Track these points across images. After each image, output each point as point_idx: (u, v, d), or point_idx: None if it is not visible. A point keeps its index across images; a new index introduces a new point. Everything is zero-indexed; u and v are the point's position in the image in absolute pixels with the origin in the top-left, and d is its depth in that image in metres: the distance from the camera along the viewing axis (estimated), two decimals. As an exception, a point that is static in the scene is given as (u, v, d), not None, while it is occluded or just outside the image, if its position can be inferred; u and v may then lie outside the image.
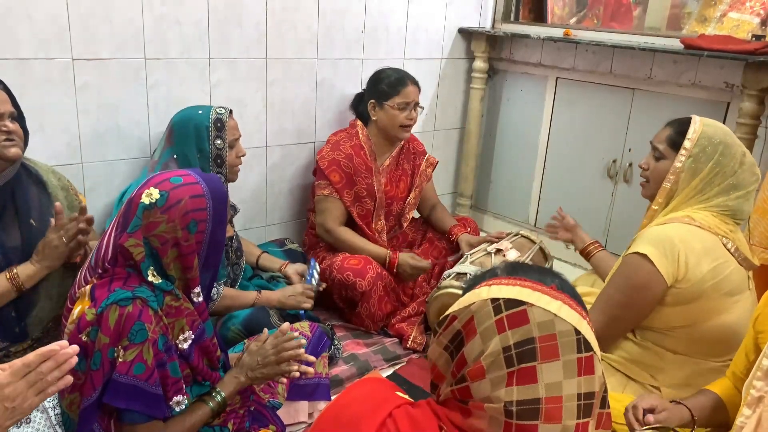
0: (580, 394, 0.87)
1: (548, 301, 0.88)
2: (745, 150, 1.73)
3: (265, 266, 2.48)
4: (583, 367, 0.87)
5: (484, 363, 0.88)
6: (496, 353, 0.87)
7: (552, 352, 0.86)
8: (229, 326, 2.10)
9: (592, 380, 0.88)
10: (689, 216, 1.70)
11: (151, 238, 1.38)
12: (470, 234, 2.81)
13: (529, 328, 0.86)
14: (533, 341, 0.86)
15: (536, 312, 0.87)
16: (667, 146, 1.77)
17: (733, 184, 1.71)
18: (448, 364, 0.93)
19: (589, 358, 0.88)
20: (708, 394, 1.52)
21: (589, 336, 0.89)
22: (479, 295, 0.91)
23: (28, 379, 1.02)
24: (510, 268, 0.96)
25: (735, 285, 1.69)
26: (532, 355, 0.86)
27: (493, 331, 0.88)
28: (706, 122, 1.74)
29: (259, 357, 1.58)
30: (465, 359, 0.90)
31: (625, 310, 1.72)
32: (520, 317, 0.87)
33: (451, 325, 0.93)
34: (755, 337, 1.43)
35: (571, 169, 3.18)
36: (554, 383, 0.85)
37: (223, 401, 1.53)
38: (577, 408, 0.86)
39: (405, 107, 2.60)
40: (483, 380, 0.88)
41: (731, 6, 2.86)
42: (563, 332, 0.87)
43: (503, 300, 0.88)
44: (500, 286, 0.91)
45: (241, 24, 2.51)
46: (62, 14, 2.11)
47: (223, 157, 2.16)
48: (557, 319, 0.87)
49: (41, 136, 2.15)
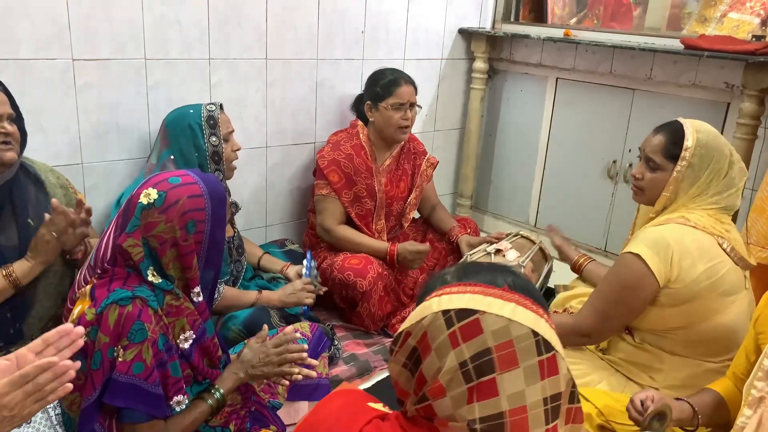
0: (546, 398, 0.83)
1: (501, 305, 0.84)
2: (731, 147, 1.75)
3: (266, 267, 2.49)
4: (546, 369, 0.83)
5: (443, 381, 0.84)
6: (453, 370, 0.83)
7: (510, 360, 0.82)
8: (229, 326, 2.10)
9: (556, 381, 0.84)
10: (684, 216, 1.71)
11: (149, 238, 1.38)
12: (470, 234, 2.81)
13: (483, 338, 0.82)
14: (489, 352, 0.82)
15: (489, 320, 0.83)
16: (663, 157, 1.75)
17: (726, 185, 1.73)
18: (410, 381, 0.89)
19: (552, 359, 0.84)
20: (710, 392, 1.53)
21: (549, 335, 0.85)
22: (430, 308, 0.86)
23: (26, 389, 1.01)
24: (461, 272, 0.91)
25: (731, 285, 1.69)
26: (490, 366, 0.82)
27: (447, 347, 0.83)
28: (697, 128, 1.73)
29: (261, 355, 1.58)
30: (424, 377, 0.86)
31: (615, 308, 1.73)
32: (473, 328, 0.83)
33: (406, 342, 0.88)
34: (756, 338, 1.44)
35: (571, 170, 3.18)
36: (517, 393, 0.82)
37: (222, 398, 1.53)
38: (544, 414, 0.83)
39: (400, 108, 2.59)
40: (444, 398, 0.84)
41: (731, 6, 2.86)
42: (520, 337, 0.82)
43: (454, 311, 0.84)
44: (450, 295, 0.86)
45: (241, 24, 2.51)
46: (62, 14, 2.11)
47: (219, 153, 2.16)
48: (512, 324, 0.83)
49: (41, 136, 2.15)
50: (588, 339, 1.83)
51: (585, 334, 1.80)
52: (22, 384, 1.01)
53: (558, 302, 2.22)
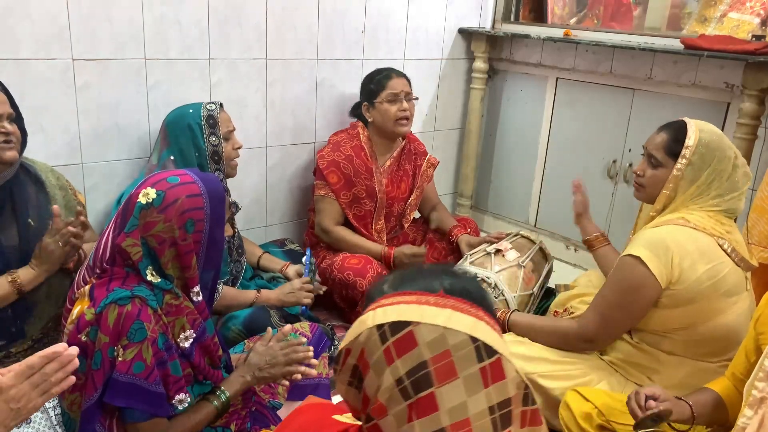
0: (492, 407, 0.78)
1: (435, 313, 0.79)
2: (736, 151, 1.74)
3: (266, 267, 2.49)
4: (490, 376, 0.78)
5: (382, 400, 0.79)
6: (390, 388, 0.78)
7: (449, 372, 0.77)
8: (229, 326, 2.10)
9: (503, 386, 0.79)
10: (683, 218, 1.71)
11: (148, 237, 1.38)
12: (470, 234, 2.81)
13: (418, 351, 0.77)
14: (426, 365, 0.77)
15: (423, 330, 0.78)
16: (665, 154, 1.76)
17: (730, 188, 1.72)
18: (358, 398, 0.85)
19: (496, 363, 0.79)
20: (708, 392, 1.53)
21: (490, 338, 0.80)
22: (365, 323, 0.82)
23: (32, 380, 1.02)
24: (397, 281, 0.87)
25: (732, 286, 1.69)
26: (428, 381, 0.77)
27: (383, 364, 0.79)
28: (701, 127, 1.73)
29: (268, 357, 1.58)
30: (367, 396, 0.82)
31: (618, 312, 1.73)
32: (407, 341, 0.78)
33: (346, 360, 0.84)
34: (756, 338, 1.43)
35: (571, 170, 3.18)
36: (458, 406, 0.77)
37: (227, 401, 1.53)
38: (492, 423, 0.78)
39: (394, 99, 2.60)
40: (387, 417, 0.79)
41: (731, 6, 2.86)
42: (457, 345, 0.78)
43: (388, 325, 0.79)
44: (384, 308, 0.82)
45: (241, 24, 2.51)
46: (62, 14, 2.11)
47: (219, 153, 2.16)
48: (448, 332, 0.78)
49: (41, 136, 2.15)
50: (592, 344, 1.82)
51: (589, 340, 1.80)
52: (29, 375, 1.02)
53: (559, 302, 2.22)
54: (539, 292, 2.41)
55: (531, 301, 2.36)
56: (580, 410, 1.65)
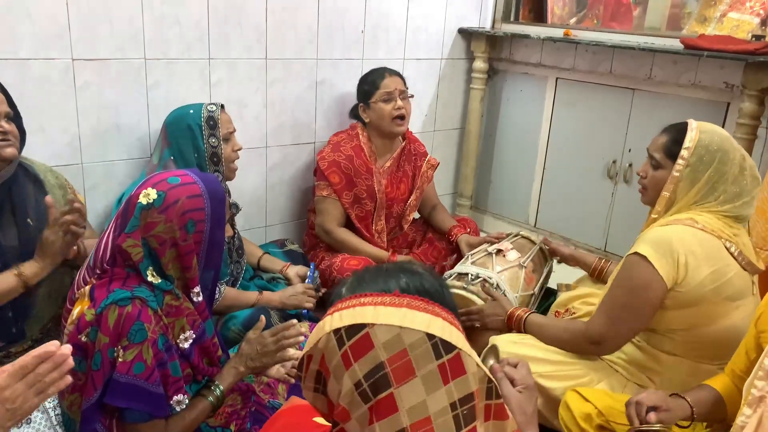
0: (453, 403, 0.78)
1: (390, 313, 0.79)
2: (744, 153, 1.70)
3: (266, 267, 2.48)
4: (450, 372, 0.78)
5: (344, 404, 0.80)
6: (350, 392, 0.79)
7: (406, 371, 0.77)
8: (229, 326, 2.10)
9: (464, 381, 0.79)
10: (692, 218, 1.68)
11: (149, 238, 1.38)
12: (470, 234, 2.81)
13: (375, 353, 0.77)
14: (383, 366, 0.77)
15: (379, 332, 0.78)
16: (664, 155, 1.75)
17: (737, 193, 1.68)
18: (325, 404, 0.86)
19: (455, 359, 0.78)
20: (707, 389, 1.52)
21: (448, 334, 0.79)
22: (323, 329, 0.82)
23: (27, 381, 1.01)
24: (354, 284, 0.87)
25: (737, 290, 1.67)
26: (386, 382, 0.77)
27: (341, 368, 0.79)
28: (703, 129, 1.71)
29: (259, 346, 1.58)
30: (331, 401, 0.83)
31: (626, 312, 1.70)
32: (363, 344, 0.78)
33: (309, 366, 0.84)
34: (757, 336, 1.43)
35: (571, 170, 3.18)
36: (417, 405, 0.77)
37: (221, 394, 1.53)
38: (454, 420, 0.78)
39: (389, 98, 2.60)
40: (351, 422, 0.80)
41: (731, 6, 2.86)
42: (413, 344, 0.78)
43: (344, 329, 0.79)
44: (341, 311, 0.82)
45: (241, 24, 2.51)
46: (62, 14, 2.11)
47: (218, 154, 2.16)
48: (404, 331, 0.78)
49: (41, 136, 2.15)
50: (599, 347, 1.77)
51: (596, 342, 1.76)
52: (23, 375, 1.01)
53: (560, 302, 2.21)
54: (539, 293, 2.41)
55: (532, 301, 2.36)
56: (580, 410, 1.65)
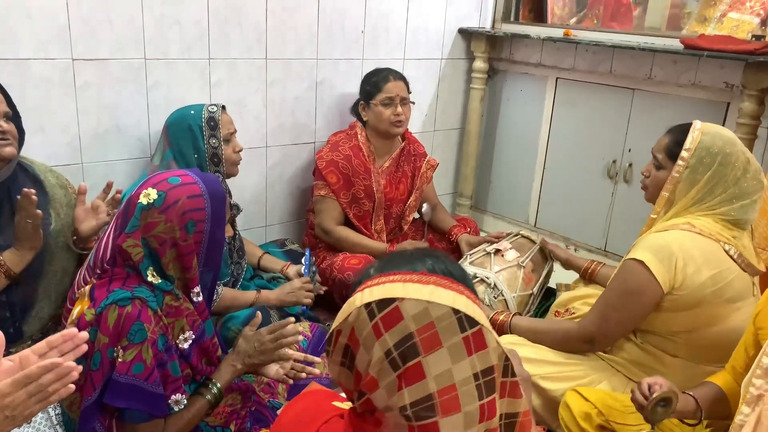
0: (476, 374, 0.83)
1: (418, 289, 0.85)
2: (749, 157, 1.69)
3: (266, 267, 2.48)
4: (473, 345, 0.83)
5: (373, 373, 0.84)
6: (380, 360, 0.84)
7: (434, 342, 0.83)
8: (229, 326, 2.10)
9: (486, 355, 0.84)
10: (689, 223, 1.69)
11: (149, 238, 1.38)
12: (470, 234, 2.81)
13: (404, 324, 0.83)
14: (412, 336, 0.83)
15: (408, 305, 0.84)
16: (666, 156, 1.75)
17: (737, 194, 1.68)
18: (349, 379, 0.90)
19: (477, 333, 0.84)
20: (710, 386, 1.53)
21: (471, 310, 0.85)
22: (354, 304, 0.87)
23: (29, 390, 1.01)
24: (382, 265, 0.92)
25: (737, 292, 1.67)
26: (414, 351, 0.82)
27: (372, 339, 0.84)
28: (706, 130, 1.70)
29: (256, 343, 1.58)
30: (359, 372, 0.87)
31: (618, 313, 1.72)
32: (393, 316, 0.84)
33: (338, 340, 0.89)
34: (755, 333, 1.43)
35: (571, 170, 3.18)
36: (443, 373, 0.82)
37: (219, 392, 1.53)
38: (476, 389, 0.83)
39: (389, 103, 2.60)
40: (378, 390, 0.84)
41: (731, 6, 2.86)
42: (440, 317, 0.83)
43: (375, 303, 0.85)
44: (371, 288, 0.87)
45: (241, 24, 2.51)
46: (62, 14, 2.11)
47: (219, 155, 2.16)
48: (431, 306, 0.83)
49: (41, 136, 2.16)
50: (591, 345, 1.82)
51: (588, 340, 1.80)
52: (26, 384, 1.00)
53: (560, 302, 2.22)
54: (539, 293, 2.41)
55: (531, 301, 2.36)
56: (580, 410, 1.65)
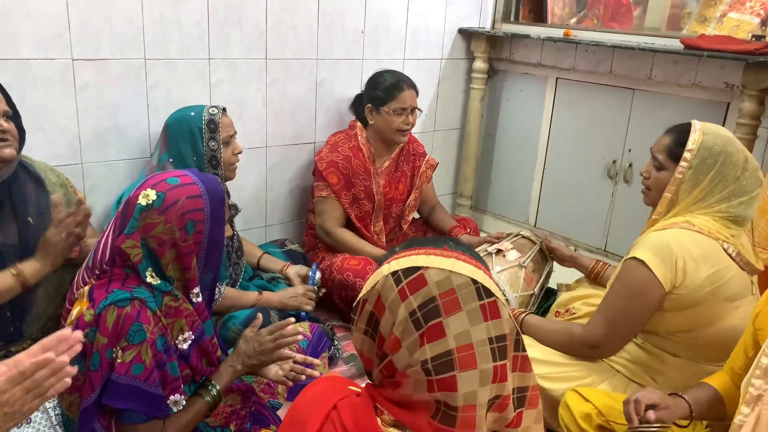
0: (491, 338, 0.91)
1: (442, 260, 0.93)
2: (747, 155, 1.69)
3: (266, 267, 2.48)
4: (489, 312, 0.91)
5: (397, 332, 0.92)
6: (404, 320, 0.91)
7: (454, 305, 0.90)
8: (229, 326, 2.10)
9: (500, 323, 0.92)
10: (688, 221, 1.68)
11: (148, 239, 1.38)
12: (470, 234, 2.81)
13: (428, 289, 0.91)
14: (435, 299, 0.90)
15: (432, 273, 0.92)
16: (667, 157, 1.74)
17: (735, 191, 1.68)
18: (372, 347, 0.98)
19: (492, 303, 0.92)
20: (706, 387, 1.52)
21: (488, 283, 0.93)
22: (381, 273, 0.96)
23: (25, 386, 1.01)
24: (407, 244, 1.01)
25: (736, 290, 1.67)
26: (437, 312, 0.90)
27: (398, 302, 0.92)
28: (707, 130, 1.70)
29: (256, 344, 1.57)
30: (383, 336, 0.95)
31: (624, 316, 1.70)
32: (418, 281, 0.92)
33: (363, 308, 0.98)
34: (754, 334, 1.43)
35: (571, 170, 3.18)
36: (462, 332, 0.90)
37: (218, 393, 1.52)
38: (491, 351, 0.91)
39: (402, 112, 2.59)
40: (401, 350, 0.92)
41: (731, 6, 2.86)
42: (461, 285, 0.91)
43: (401, 270, 0.93)
44: (398, 259, 0.96)
45: (241, 24, 2.51)
46: (62, 14, 2.11)
47: (217, 158, 2.16)
48: (453, 275, 0.92)
49: (41, 136, 2.16)
50: (597, 351, 1.78)
51: (594, 346, 1.76)
52: (21, 381, 1.01)
53: (561, 303, 2.21)
54: (540, 293, 2.41)
55: (531, 301, 2.36)
56: (580, 410, 1.65)
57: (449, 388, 0.89)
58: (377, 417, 0.94)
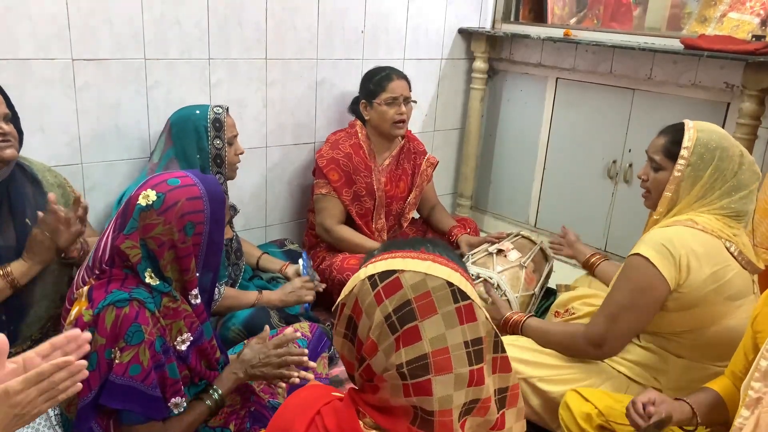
0: (467, 342, 0.91)
1: (418, 263, 0.93)
2: (742, 149, 1.71)
3: (265, 267, 2.48)
4: (464, 316, 0.92)
5: (373, 336, 0.93)
6: (380, 324, 0.92)
7: (429, 309, 0.91)
8: (229, 326, 2.10)
9: (476, 326, 0.92)
10: (692, 219, 1.68)
11: (147, 239, 1.38)
12: (470, 234, 2.81)
13: (403, 292, 0.91)
14: (410, 303, 0.91)
15: (408, 276, 0.92)
16: (664, 156, 1.75)
17: (735, 186, 1.69)
18: (351, 351, 0.99)
19: (468, 306, 0.92)
20: (708, 392, 1.52)
21: (464, 286, 0.93)
22: (358, 277, 0.97)
23: (40, 387, 1.01)
24: (385, 246, 1.01)
25: (737, 289, 1.67)
26: (412, 315, 0.91)
27: (374, 305, 0.93)
28: (700, 127, 1.71)
29: (261, 355, 1.57)
30: (360, 340, 0.96)
31: (627, 313, 1.69)
32: (394, 285, 0.92)
33: (342, 312, 0.99)
34: (753, 337, 1.43)
35: (571, 170, 3.18)
36: (438, 336, 0.90)
37: (220, 399, 1.52)
38: (467, 355, 0.91)
39: (393, 102, 2.60)
40: (378, 354, 0.92)
41: (731, 6, 2.85)
42: (436, 287, 0.91)
43: (378, 274, 0.94)
44: (375, 263, 0.97)
45: (241, 24, 2.51)
46: (62, 14, 2.11)
47: (222, 156, 2.16)
48: (428, 277, 0.92)
49: (41, 136, 2.16)
50: (600, 350, 1.76)
51: (597, 344, 1.74)
52: (37, 382, 1.01)
53: (560, 303, 2.21)
54: (540, 293, 2.41)
55: (532, 301, 2.35)
56: (580, 410, 1.65)
57: (425, 392, 0.89)
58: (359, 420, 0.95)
